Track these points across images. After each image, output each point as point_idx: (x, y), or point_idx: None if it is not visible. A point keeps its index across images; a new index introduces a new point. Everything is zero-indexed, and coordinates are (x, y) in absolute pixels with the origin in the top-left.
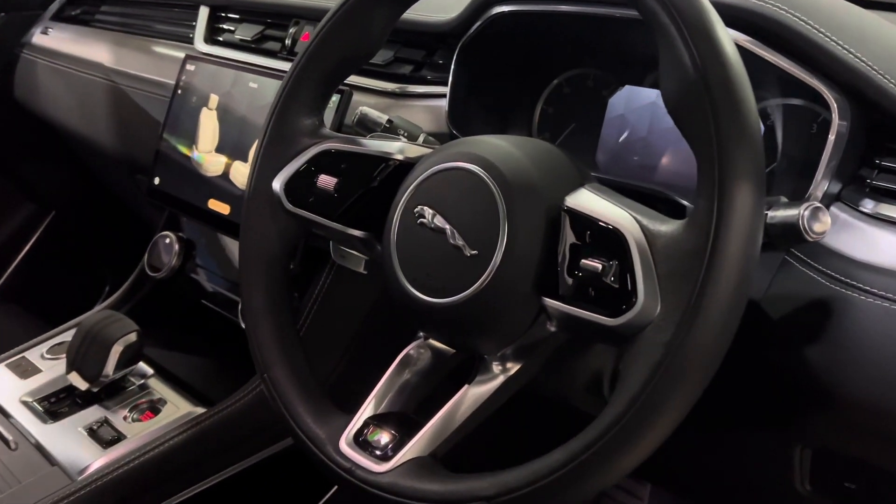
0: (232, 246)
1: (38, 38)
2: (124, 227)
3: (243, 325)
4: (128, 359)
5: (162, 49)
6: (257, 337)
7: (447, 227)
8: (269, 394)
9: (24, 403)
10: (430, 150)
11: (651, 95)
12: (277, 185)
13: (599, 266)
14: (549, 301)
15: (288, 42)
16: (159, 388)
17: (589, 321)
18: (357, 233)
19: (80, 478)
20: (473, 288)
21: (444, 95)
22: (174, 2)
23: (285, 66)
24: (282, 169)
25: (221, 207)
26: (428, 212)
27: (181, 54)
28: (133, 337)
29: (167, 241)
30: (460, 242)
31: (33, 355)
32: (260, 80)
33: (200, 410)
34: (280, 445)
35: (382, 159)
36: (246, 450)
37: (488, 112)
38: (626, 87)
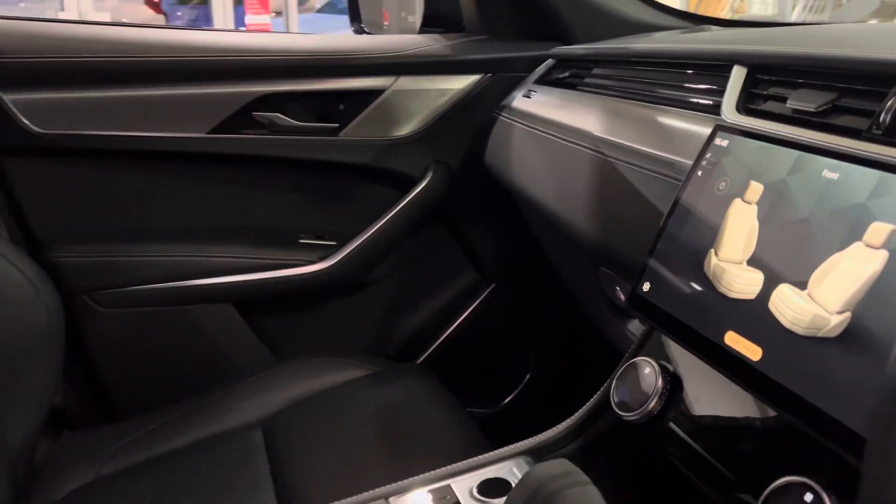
0: (742, 401)
1: (519, 101)
2: (563, 315)
3: None
4: None
5: (672, 119)
6: None
7: None
8: None
9: None
10: None
11: None
12: None
13: None
14: None
15: (884, 117)
16: None
17: None
18: None
19: None
20: None
21: None
22: (693, 61)
23: (878, 150)
24: None
25: (746, 348)
26: None
27: (699, 127)
28: None
29: (646, 370)
30: None
31: (461, 487)
32: (842, 169)
33: None
34: None
35: None
36: None
37: None
38: None
